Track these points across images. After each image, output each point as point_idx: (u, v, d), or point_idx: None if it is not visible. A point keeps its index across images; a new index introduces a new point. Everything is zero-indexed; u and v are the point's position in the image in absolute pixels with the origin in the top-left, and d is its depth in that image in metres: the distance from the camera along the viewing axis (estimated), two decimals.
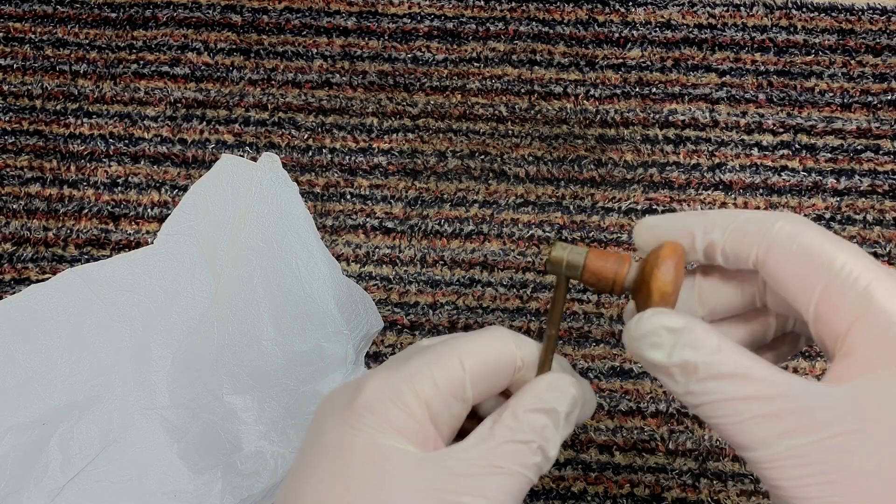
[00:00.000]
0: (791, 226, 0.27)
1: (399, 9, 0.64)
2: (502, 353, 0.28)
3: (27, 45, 0.63)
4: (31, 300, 0.51)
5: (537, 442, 0.27)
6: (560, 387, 0.28)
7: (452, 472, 0.26)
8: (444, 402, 0.27)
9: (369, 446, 0.26)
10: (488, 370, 0.28)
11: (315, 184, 0.58)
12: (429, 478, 0.26)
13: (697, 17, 0.63)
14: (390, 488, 0.26)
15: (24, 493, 0.46)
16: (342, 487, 0.26)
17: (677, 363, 0.25)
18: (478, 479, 0.26)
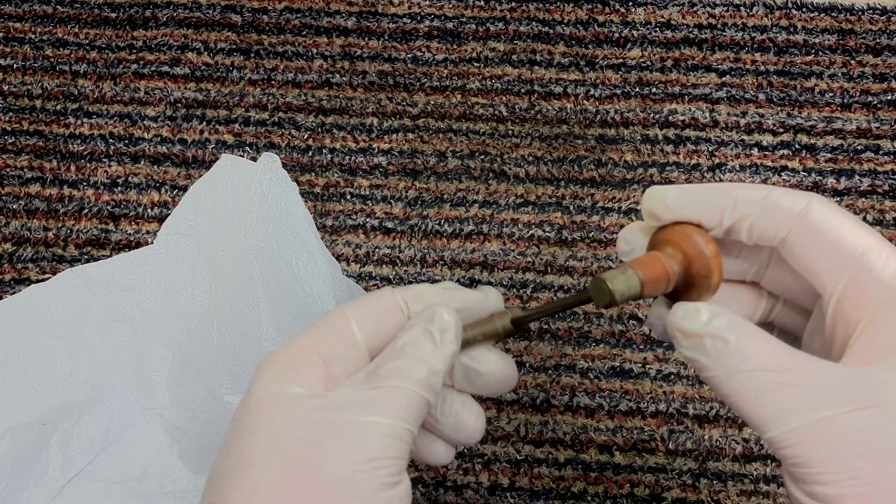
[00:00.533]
0: (825, 209, 0.27)
1: (399, 9, 0.64)
2: (380, 296, 0.30)
3: (27, 45, 0.63)
4: (31, 300, 0.51)
5: (414, 355, 0.28)
6: (430, 312, 0.29)
7: (338, 399, 0.27)
8: (333, 347, 0.29)
9: (260, 397, 0.28)
10: (371, 310, 0.29)
11: (315, 184, 0.58)
12: (313, 407, 0.27)
13: (697, 17, 0.63)
14: (277, 423, 0.27)
15: (24, 493, 0.46)
16: (237, 439, 0.27)
17: (711, 332, 0.26)
18: (364, 398, 0.27)
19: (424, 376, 0.28)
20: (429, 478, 0.50)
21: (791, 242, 0.27)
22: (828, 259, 0.27)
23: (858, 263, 0.26)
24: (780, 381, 0.25)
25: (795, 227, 0.27)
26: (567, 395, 0.51)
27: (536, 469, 0.50)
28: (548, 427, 0.51)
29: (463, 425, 0.31)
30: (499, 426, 0.51)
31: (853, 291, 0.26)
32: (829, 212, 0.27)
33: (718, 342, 0.26)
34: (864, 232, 0.27)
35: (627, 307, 0.53)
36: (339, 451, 0.26)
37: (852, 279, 0.26)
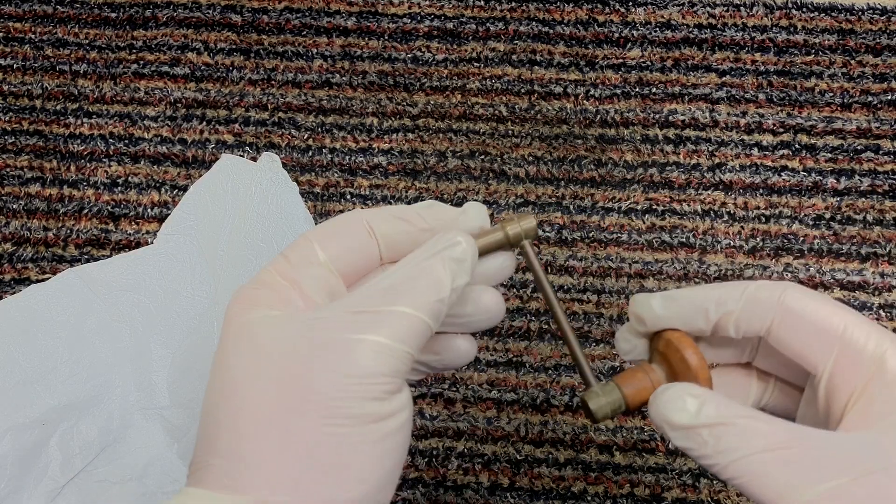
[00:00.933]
0: (800, 295, 0.29)
1: (399, 9, 0.64)
2: (343, 216, 0.30)
3: (27, 45, 0.63)
4: (31, 300, 0.51)
5: (427, 282, 0.27)
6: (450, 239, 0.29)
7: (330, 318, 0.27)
8: (298, 269, 0.29)
9: (239, 324, 0.28)
10: (332, 230, 0.30)
11: (315, 184, 0.58)
12: (299, 325, 0.27)
13: (697, 17, 0.63)
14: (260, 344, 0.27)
15: (24, 493, 0.46)
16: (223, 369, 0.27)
17: (704, 422, 0.27)
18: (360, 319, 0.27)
19: (433, 303, 0.27)
20: (429, 478, 0.50)
21: (775, 331, 0.29)
22: (812, 341, 0.28)
23: (842, 341, 0.28)
24: (783, 458, 0.26)
25: (777, 317, 0.29)
26: (567, 395, 0.51)
27: (536, 469, 0.50)
28: (548, 427, 0.51)
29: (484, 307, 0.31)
30: (499, 426, 0.51)
31: (841, 367, 0.28)
32: (804, 297, 0.29)
33: (717, 429, 0.26)
34: (842, 310, 0.28)
35: (627, 307, 0.53)
36: (330, 365, 0.26)
37: (839, 356, 0.28)
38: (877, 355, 0.27)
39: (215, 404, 0.27)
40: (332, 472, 0.26)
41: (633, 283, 0.54)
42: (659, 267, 0.55)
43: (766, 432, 0.26)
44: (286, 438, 0.26)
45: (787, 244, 0.55)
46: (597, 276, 0.54)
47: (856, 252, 0.55)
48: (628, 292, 0.54)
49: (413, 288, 0.27)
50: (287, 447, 0.25)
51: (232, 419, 0.26)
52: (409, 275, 0.28)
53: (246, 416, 0.26)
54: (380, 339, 0.26)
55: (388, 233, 0.30)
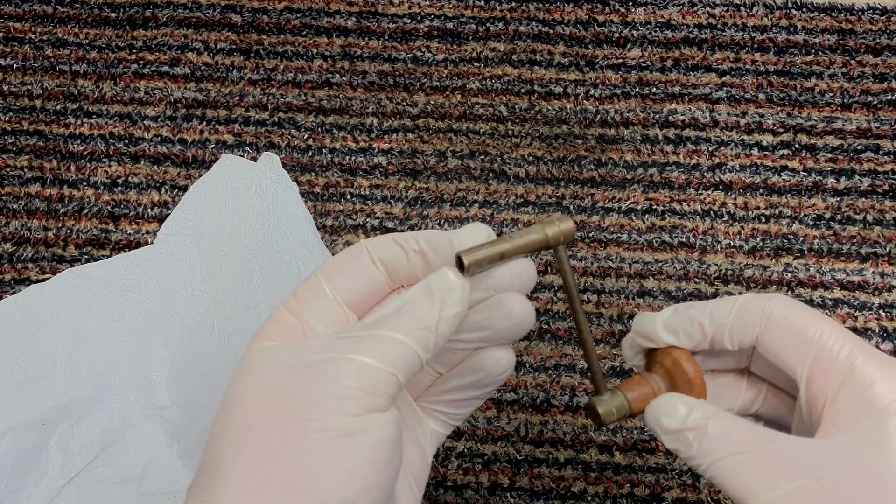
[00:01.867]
0: (784, 305, 0.31)
1: (399, 9, 0.64)
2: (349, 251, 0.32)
3: (27, 45, 0.63)
4: (31, 300, 0.51)
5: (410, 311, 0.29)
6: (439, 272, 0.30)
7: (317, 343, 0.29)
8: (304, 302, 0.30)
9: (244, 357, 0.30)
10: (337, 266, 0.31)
11: (315, 184, 0.58)
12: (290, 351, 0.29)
13: (697, 17, 0.63)
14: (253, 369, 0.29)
15: (24, 493, 0.46)
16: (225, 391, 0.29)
17: (691, 426, 0.30)
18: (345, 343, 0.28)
19: (415, 330, 0.28)
20: (429, 478, 0.50)
21: (761, 339, 0.31)
22: (792, 348, 0.31)
23: (817, 347, 0.30)
24: (750, 461, 0.28)
25: (763, 326, 0.31)
26: (567, 395, 0.51)
27: (536, 469, 0.50)
28: (548, 427, 0.51)
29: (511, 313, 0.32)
30: (499, 426, 0.51)
31: (816, 373, 0.30)
32: (787, 307, 0.31)
33: (700, 433, 0.30)
34: (821, 320, 0.31)
35: (627, 307, 0.53)
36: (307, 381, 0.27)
37: (814, 361, 0.30)
38: (848, 362, 0.29)
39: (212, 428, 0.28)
40: (295, 483, 0.26)
41: (633, 283, 0.54)
42: (659, 267, 0.55)
43: (739, 436, 0.29)
44: (256, 451, 0.26)
45: (787, 244, 0.55)
46: (597, 276, 0.54)
47: (856, 252, 0.55)
48: (628, 292, 0.54)
49: (399, 316, 0.29)
50: (255, 460, 0.26)
51: (217, 436, 0.28)
52: (398, 305, 0.29)
53: (226, 431, 0.27)
54: (360, 357, 0.27)
55: (385, 257, 0.31)
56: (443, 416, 0.35)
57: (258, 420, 0.27)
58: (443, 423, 0.35)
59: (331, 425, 0.26)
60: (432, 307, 0.29)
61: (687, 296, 0.54)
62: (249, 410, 0.27)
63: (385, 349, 0.28)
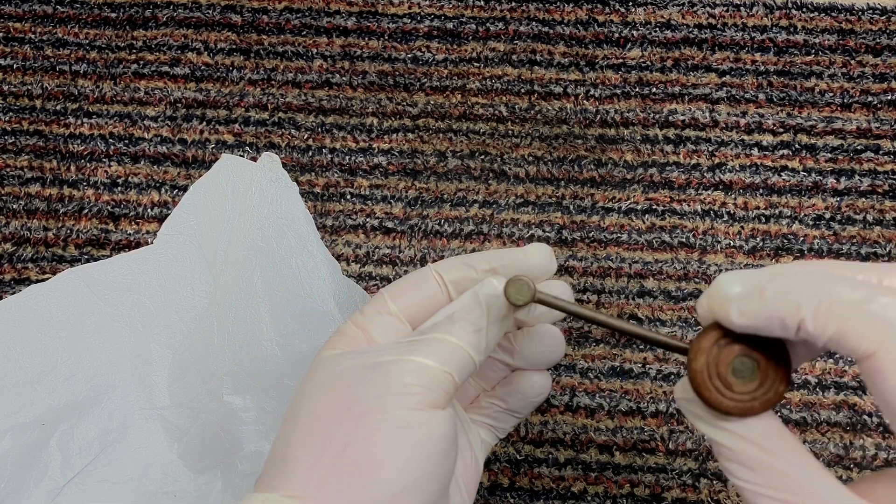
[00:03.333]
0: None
1: (399, 9, 0.64)
2: (414, 272, 0.34)
3: (27, 45, 0.63)
4: (31, 300, 0.51)
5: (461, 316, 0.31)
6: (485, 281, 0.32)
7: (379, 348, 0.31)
8: (370, 318, 0.33)
9: (313, 363, 0.32)
10: (402, 284, 0.34)
11: (315, 184, 0.58)
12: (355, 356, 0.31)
13: (697, 17, 0.63)
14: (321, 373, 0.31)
15: (24, 493, 0.46)
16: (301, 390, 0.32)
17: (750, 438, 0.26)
18: (403, 347, 0.30)
19: (468, 333, 0.31)
20: None
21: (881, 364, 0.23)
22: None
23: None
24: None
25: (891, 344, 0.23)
26: (567, 395, 0.51)
27: (536, 469, 0.50)
28: (548, 427, 0.51)
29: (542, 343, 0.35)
30: None
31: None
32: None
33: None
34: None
35: (627, 307, 0.53)
36: (372, 379, 0.29)
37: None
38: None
39: (282, 423, 0.31)
40: (358, 471, 0.28)
41: (633, 283, 0.54)
42: (659, 267, 0.55)
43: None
44: (323, 441, 0.29)
45: (787, 244, 0.55)
46: (597, 276, 0.54)
47: (856, 252, 0.55)
48: (628, 292, 0.54)
49: (452, 322, 0.31)
50: (322, 449, 0.28)
51: (286, 431, 0.30)
52: (449, 312, 0.32)
53: (296, 427, 0.30)
54: (417, 358, 0.30)
55: (455, 279, 0.33)
56: (488, 427, 0.37)
57: (325, 414, 0.29)
58: (489, 432, 0.37)
59: (392, 417, 0.28)
60: (481, 312, 0.31)
61: (687, 296, 0.54)
62: (317, 406, 0.30)
63: (441, 350, 0.30)
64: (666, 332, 0.53)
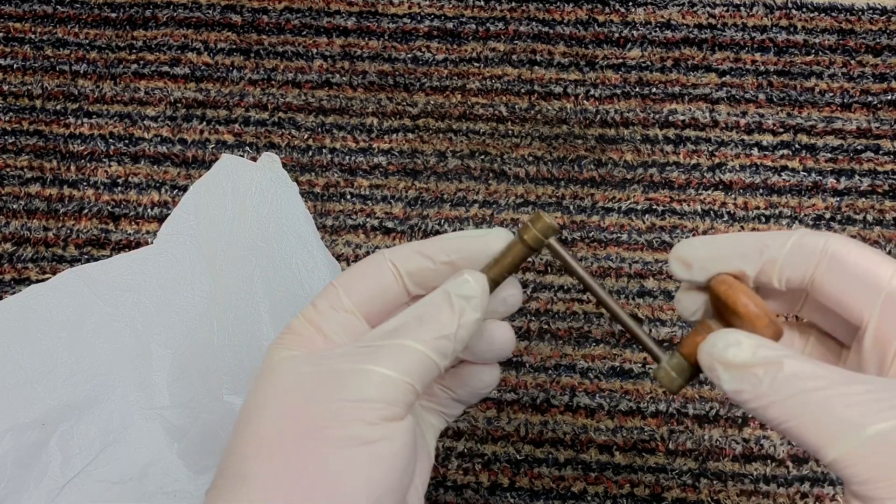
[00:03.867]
0: (844, 245, 0.28)
1: (399, 9, 0.64)
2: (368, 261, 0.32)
3: (27, 45, 0.63)
4: (31, 300, 0.51)
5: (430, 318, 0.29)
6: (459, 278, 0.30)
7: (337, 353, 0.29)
8: (324, 315, 0.31)
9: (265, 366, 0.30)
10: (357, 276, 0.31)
11: (315, 184, 0.58)
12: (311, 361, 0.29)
13: (697, 17, 0.63)
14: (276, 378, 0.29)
15: (24, 493, 0.46)
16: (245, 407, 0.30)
17: (761, 361, 0.26)
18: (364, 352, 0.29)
19: (433, 338, 0.29)
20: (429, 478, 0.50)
21: (819, 280, 0.28)
22: (857, 290, 0.27)
23: (888, 289, 0.27)
24: (839, 399, 0.25)
25: (822, 265, 0.28)
26: (567, 395, 0.51)
27: (536, 469, 0.50)
28: (548, 427, 0.51)
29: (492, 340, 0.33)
30: (499, 426, 0.51)
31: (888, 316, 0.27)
32: (851, 245, 0.28)
33: (772, 369, 0.26)
34: (887, 259, 0.27)
35: (627, 307, 0.53)
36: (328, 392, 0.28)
37: (885, 305, 0.27)
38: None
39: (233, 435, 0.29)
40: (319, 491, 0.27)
41: (632, 283, 0.54)
42: (659, 267, 0.55)
43: (822, 373, 0.25)
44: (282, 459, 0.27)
45: None
46: (597, 276, 0.54)
47: None
48: (628, 292, 0.54)
49: (419, 325, 0.29)
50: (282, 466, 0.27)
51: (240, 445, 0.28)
52: (417, 313, 0.29)
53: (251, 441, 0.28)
54: (378, 368, 0.28)
55: (412, 270, 0.31)
56: (438, 413, 0.36)
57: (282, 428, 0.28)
58: (439, 417, 0.36)
59: (352, 434, 0.27)
60: (452, 315, 0.29)
61: None
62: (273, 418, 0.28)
63: (404, 359, 0.28)
64: (665, 332, 0.53)
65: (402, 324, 0.29)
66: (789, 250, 0.28)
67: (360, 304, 0.31)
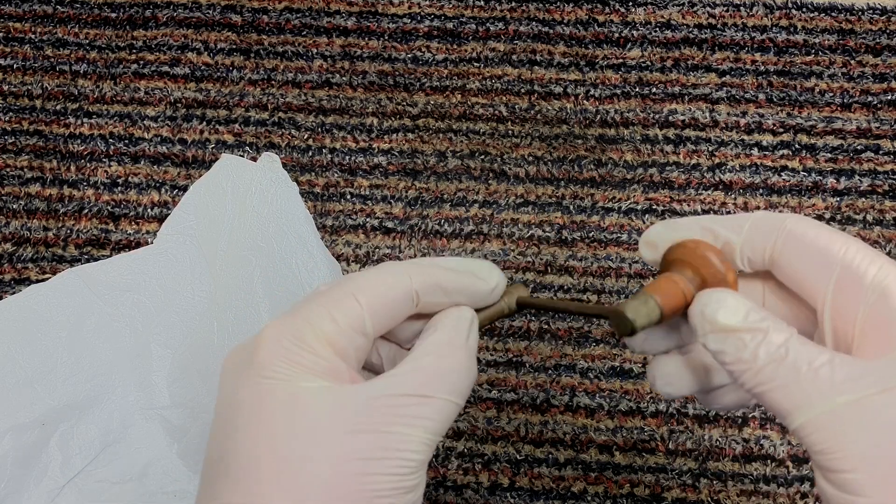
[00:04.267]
0: (800, 223, 0.28)
1: (399, 9, 0.64)
2: (395, 283, 0.29)
3: (27, 45, 0.63)
4: (31, 300, 0.51)
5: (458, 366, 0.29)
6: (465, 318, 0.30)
7: (383, 404, 0.27)
8: (347, 338, 0.28)
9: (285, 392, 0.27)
10: (384, 301, 0.29)
11: (315, 184, 0.58)
12: (350, 408, 0.26)
13: (697, 17, 0.63)
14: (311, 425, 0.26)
15: (24, 493, 0.46)
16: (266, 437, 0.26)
17: (749, 327, 0.27)
18: (412, 408, 0.27)
19: (466, 389, 0.29)
20: (429, 478, 0.50)
21: (779, 259, 0.28)
22: (813, 267, 0.28)
23: (842, 266, 0.27)
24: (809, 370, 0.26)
25: (780, 243, 0.28)
26: (567, 395, 0.51)
27: (536, 469, 0.50)
28: (548, 427, 0.51)
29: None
30: (499, 426, 0.51)
31: (843, 293, 0.27)
32: (806, 224, 0.28)
33: (758, 336, 0.26)
34: (843, 238, 0.28)
35: None
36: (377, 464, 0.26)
37: (839, 282, 0.27)
38: (877, 282, 0.26)
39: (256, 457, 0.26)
40: None
41: (632, 283, 0.54)
42: None
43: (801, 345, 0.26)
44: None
45: None
46: (597, 276, 0.54)
47: None
48: (628, 292, 0.54)
49: (450, 375, 0.28)
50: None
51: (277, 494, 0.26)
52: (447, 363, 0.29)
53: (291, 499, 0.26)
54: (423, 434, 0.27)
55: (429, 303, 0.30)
56: None
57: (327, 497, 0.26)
58: None
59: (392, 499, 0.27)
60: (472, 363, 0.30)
61: None
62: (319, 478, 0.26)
63: (442, 415, 0.28)
64: None
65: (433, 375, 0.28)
66: (747, 231, 0.29)
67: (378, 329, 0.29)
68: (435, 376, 0.28)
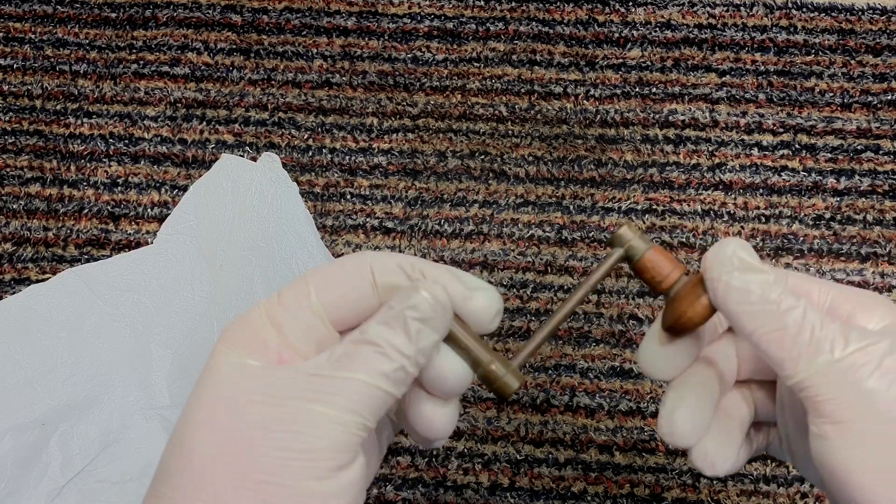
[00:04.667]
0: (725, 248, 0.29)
1: (399, 9, 0.64)
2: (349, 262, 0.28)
3: (27, 45, 0.63)
4: (31, 300, 0.51)
5: (384, 345, 0.26)
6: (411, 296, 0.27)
7: (290, 383, 0.26)
8: (288, 314, 0.27)
9: (214, 366, 0.27)
10: (333, 279, 0.28)
11: (315, 184, 0.58)
12: (263, 386, 0.26)
13: (697, 17, 0.63)
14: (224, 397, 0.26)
15: (24, 493, 0.46)
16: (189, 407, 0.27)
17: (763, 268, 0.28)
18: (316, 386, 0.26)
19: (391, 370, 0.26)
20: (429, 478, 0.50)
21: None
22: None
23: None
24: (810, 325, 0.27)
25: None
26: (567, 395, 0.51)
27: (536, 469, 0.50)
28: (548, 427, 0.51)
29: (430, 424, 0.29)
30: (499, 426, 0.51)
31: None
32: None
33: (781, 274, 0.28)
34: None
35: (627, 307, 0.53)
36: (276, 438, 0.25)
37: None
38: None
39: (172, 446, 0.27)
40: None
41: (632, 283, 0.54)
42: None
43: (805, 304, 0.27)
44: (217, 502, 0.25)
45: (787, 244, 0.55)
46: None
47: (856, 252, 0.55)
48: (628, 292, 0.54)
49: (372, 354, 0.26)
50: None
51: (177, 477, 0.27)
52: (370, 338, 0.26)
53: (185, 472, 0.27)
54: (330, 411, 0.25)
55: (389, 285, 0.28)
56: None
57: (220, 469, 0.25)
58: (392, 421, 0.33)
59: (297, 491, 0.25)
60: (407, 342, 0.26)
61: None
62: (210, 456, 0.26)
63: (357, 396, 0.26)
64: None
65: (352, 351, 0.26)
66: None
67: (329, 307, 0.28)
68: (347, 355, 0.26)
